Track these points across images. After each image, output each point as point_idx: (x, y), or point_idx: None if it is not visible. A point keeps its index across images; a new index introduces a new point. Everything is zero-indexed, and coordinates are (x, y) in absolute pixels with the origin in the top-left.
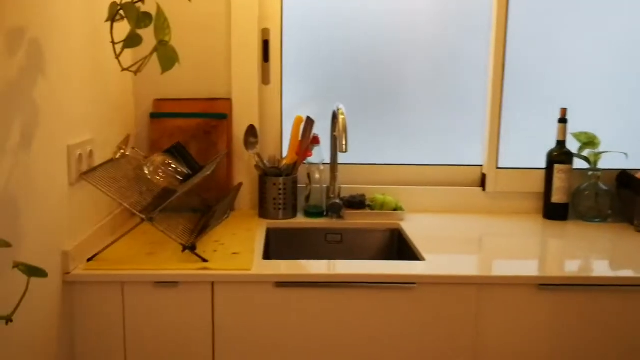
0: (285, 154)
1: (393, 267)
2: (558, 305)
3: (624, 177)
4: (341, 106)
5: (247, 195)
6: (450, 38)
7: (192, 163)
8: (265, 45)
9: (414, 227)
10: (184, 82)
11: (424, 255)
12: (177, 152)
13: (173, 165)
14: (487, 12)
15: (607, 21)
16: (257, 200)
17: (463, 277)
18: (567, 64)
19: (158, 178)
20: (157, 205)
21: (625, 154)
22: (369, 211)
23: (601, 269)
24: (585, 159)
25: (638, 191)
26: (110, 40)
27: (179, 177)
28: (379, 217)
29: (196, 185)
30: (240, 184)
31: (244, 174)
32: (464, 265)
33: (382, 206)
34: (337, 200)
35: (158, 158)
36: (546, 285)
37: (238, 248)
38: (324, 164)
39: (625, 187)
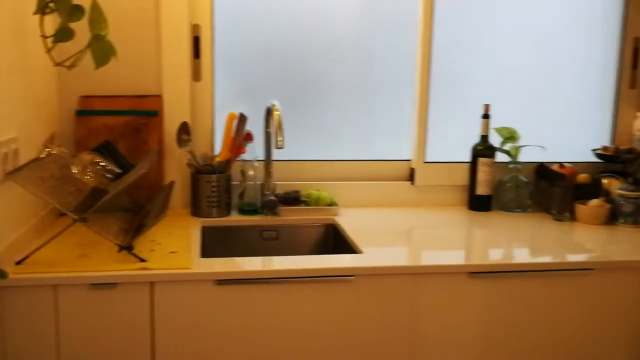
0: (217, 151)
1: (332, 261)
2: (487, 291)
3: (541, 169)
4: (276, 102)
5: (179, 194)
6: (379, 36)
7: (122, 161)
8: (196, 41)
9: (348, 222)
10: (112, 79)
11: (361, 247)
12: (106, 150)
13: (102, 164)
14: (413, 10)
15: (526, 20)
16: (190, 199)
17: (400, 267)
18: (489, 62)
19: (87, 177)
20: (88, 206)
21: (543, 147)
22: (304, 207)
23: (524, 256)
24: (507, 152)
25: (554, 182)
26: (39, 33)
27: (109, 175)
28: (314, 213)
29: (127, 184)
30: (173, 183)
31: (176, 172)
32: (399, 257)
33: (317, 202)
34: (272, 197)
35: (86, 157)
36: (476, 273)
37: (175, 247)
38: (257, 160)
39: (543, 178)
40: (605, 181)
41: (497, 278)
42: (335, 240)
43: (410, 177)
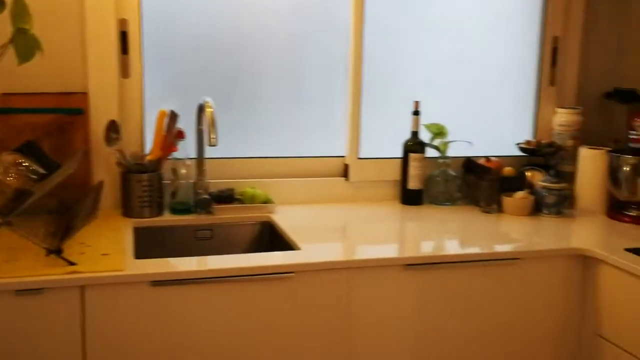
0: (148, 149)
1: (272, 258)
2: (422, 283)
3: (469, 163)
4: (209, 99)
5: (109, 194)
6: (310, 31)
7: (47, 162)
8: (123, 36)
9: (284, 219)
10: (35, 75)
11: (299, 244)
12: (29, 150)
13: (25, 164)
14: (344, 7)
15: (451, 18)
16: (121, 199)
17: (338, 262)
18: (419, 59)
19: (9, 179)
20: (11, 208)
21: (470, 142)
22: (239, 205)
23: (456, 247)
24: (436, 148)
25: (482, 176)
26: None
27: (33, 176)
28: (250, 211)
29: (53, 185)
30: (102, 183)
31: (104, 171)
32: (337, 252)
33: (252, 199)
34: (206, 196)
35: (8, 157)
36: (411, 265)
37: (107, 249)
38: (189, 159)
39: (471, 172)
40: (529, 174)
41: (431, 270)
42: (271, 238)
43: (345, 173)
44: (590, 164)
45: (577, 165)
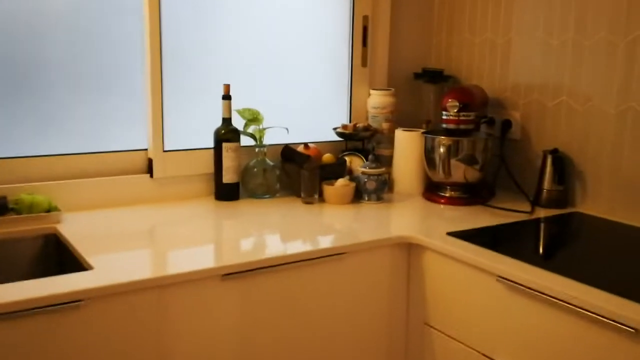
0: None
1: (51, 285)
2: (243, 292)
3: (287, 151)
4: None
5: None
6: (101, 11)
7: None
8: None
9: (75, 229)
10: None
11: (91, 262)
12: None
13: None
14: None
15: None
16: None
17: (142, 281)
18: (228, 40)
19: None
20: None
21: (287, 129)
22: (14, 216)
23: (278, 248)
24: (251, 135)
25: (301, 164)
26: None
27: None
28: (28, 222)
29: None
30: None
31: None
32: (140, 268)
33: (31, 208)
34: None
35: None
36: (230, 275)
37: None
38: None
39: (290, 161)
40: (348, 159)
41: (252, 276)
42: (59, 255)
43: (149, 168)
44: (406, 147)
45: (393, 149)
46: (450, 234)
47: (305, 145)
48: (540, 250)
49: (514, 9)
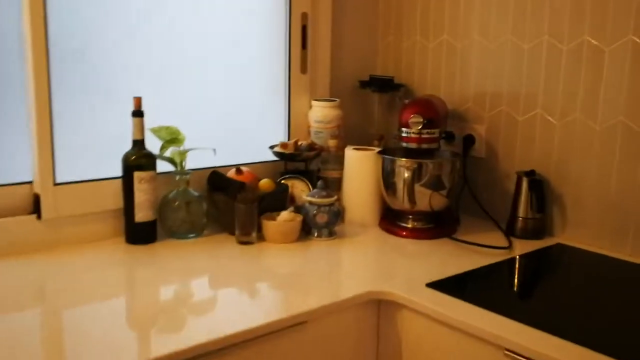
0: None
1: None
2: None
3: (215, 178)
4: None
5: None
6: None
7: None
8: None
9: None
10: None
11: None
12: None
13: None
14: None
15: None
16: None
17: None
18: (139, 40)
19: None
20: None
21: (214, 149)
22: None
23: (214, 323)
24: (170, 160)
25: (234, 194)
26: None
27: None
28: None
29: None
30: None
31: None
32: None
33: None
34: None
35: None
36: None
37: None
38: None
39: (219, 190)
40: (289, 183)
41: None
42: None
43: (35, 207)
44: (358, 168)
45: (342, 170)
46: (430, 285)
47: (238, 169)
48: (539, 305)
49: (476, 7)
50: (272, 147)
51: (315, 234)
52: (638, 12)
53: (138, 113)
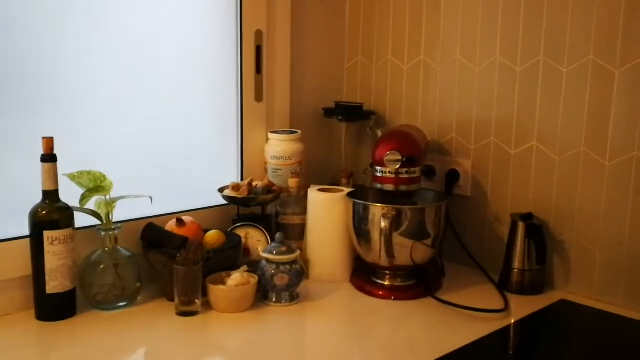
0: None
1: None
2: None
3: (151, 232)
4: None
5: None
6: None
7: None
8: None
9: None
10: None
11: None
12: None
13: None
14: None
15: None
16: None
17: None
18: (53, 58)
19: None
20: None
21: (150, 197)
22: None
23: None
24: (93, 213)
25: (173, 254)
26: None
27: None
28: None
29: None
30: None
31: None
32: None
33: None
34: None
35: None
36: None
37: None
38: None
39: (155, 247)
40: (242, 234)
41: None
42: None
43: None
44: (324, 214)
45: (305, 215)
46: None
47: (179, 219)
48: None
49: (459, 23)
50: (221, 190)
51: (274, 299)
52: None
53: (49, 158)
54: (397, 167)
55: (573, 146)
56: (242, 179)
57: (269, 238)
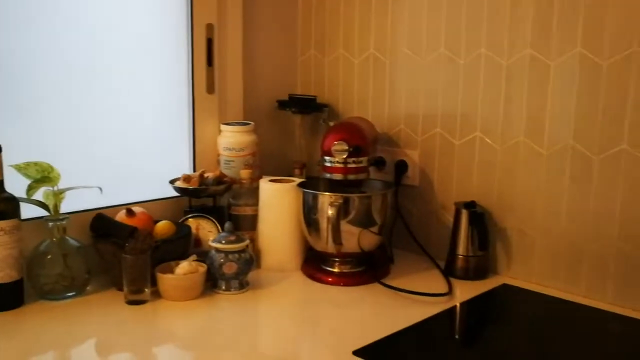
0: None
1: None
2: None
3: (100, 222)
4: None
5: None
6: None
7: None
8: None
9: None
10: None
11: None
12: None
13: None
14: None
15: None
16: None
17: None
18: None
19: None
20: None
21: (100, 188)
22: None
23: None
24: (40, 204)
25: (122, 243)
26: None
27: None
28: None
29: None
30: None
31: None
32: None
33: None
34: None
35: None
36: None
37: None
38: None
39: (104, 237)
40: (193, 224)
41: None
42: None
43: None
44: (275, 204)
45: (257, 206)
46: (358, 353)
47: (129, 210)
48: None
49: (405, 18)
50: (172, 182)
51: (223, 287)
52: (583, 24)
53: None
54: (345, 156)
55: (513, 136)
56: (194, 171)
57: (220, 229)
